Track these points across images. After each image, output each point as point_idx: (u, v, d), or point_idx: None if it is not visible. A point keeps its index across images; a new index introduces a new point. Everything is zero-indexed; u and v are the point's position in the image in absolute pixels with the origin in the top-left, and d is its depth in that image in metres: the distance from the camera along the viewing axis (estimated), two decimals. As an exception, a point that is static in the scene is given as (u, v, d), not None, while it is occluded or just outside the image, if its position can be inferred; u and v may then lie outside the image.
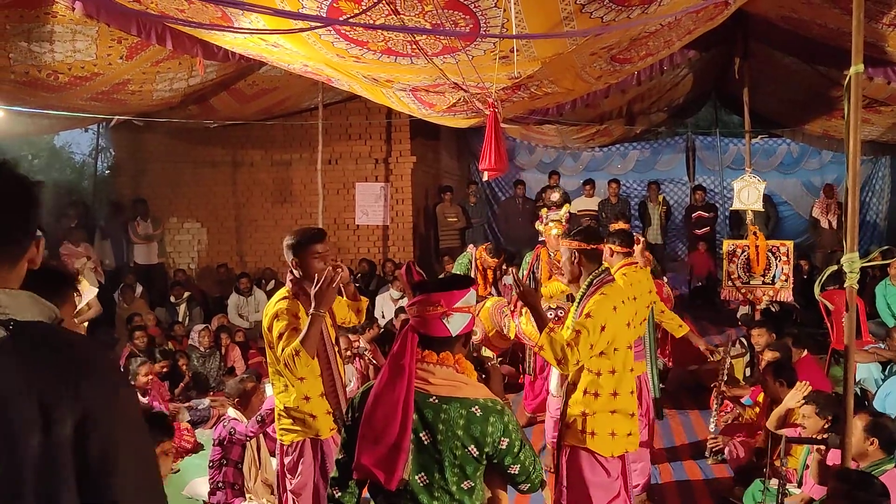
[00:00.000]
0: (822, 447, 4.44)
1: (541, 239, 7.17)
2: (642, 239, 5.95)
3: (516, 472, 2.49)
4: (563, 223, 7.00)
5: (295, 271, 3.95)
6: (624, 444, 3.82)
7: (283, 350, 3.64)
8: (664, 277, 7.54)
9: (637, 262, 5.35)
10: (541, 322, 3.65)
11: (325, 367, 3.94)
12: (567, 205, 7.48)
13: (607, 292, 3.73)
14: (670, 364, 7.76)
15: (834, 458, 4.26)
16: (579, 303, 3.85)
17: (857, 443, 4.10)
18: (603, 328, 3.61)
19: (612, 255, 5.20)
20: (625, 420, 3.80)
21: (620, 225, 7.27)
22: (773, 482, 4.50)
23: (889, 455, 4.10)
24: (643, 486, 5.28)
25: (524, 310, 6.48)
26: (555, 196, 8.85)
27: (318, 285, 3.61)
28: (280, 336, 3.69)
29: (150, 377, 7.08)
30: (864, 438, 4.03)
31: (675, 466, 5.96)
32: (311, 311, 3.63)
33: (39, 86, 6.92)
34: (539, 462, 2.58)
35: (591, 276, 3.83)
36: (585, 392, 3.75)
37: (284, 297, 3.88)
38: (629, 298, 3.91)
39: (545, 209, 7.47)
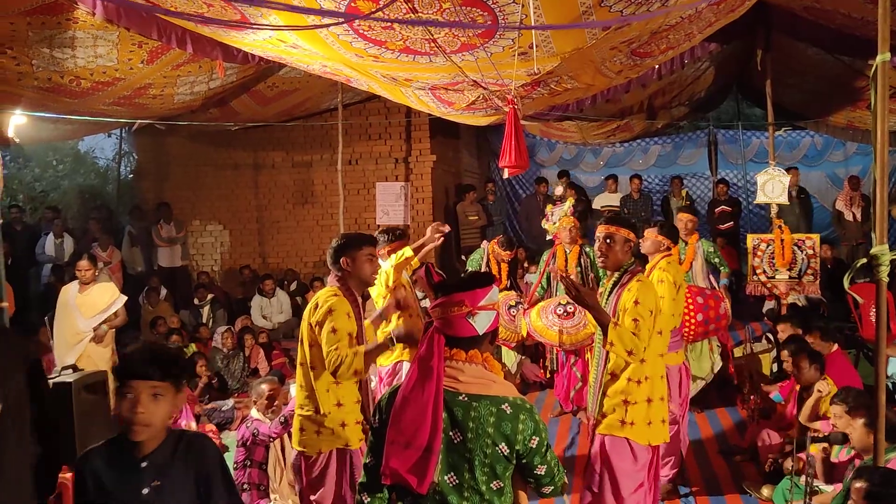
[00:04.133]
0: (826, 444, 4.41)
1: (549, 238, 7.15)
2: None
3: (542, 474, 2.45)
4: (570, 215, 6.97)
5: (338, 273, 3.93)
6: (662, 433, 3.89)
7: (335, 353, 3.58)
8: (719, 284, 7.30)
9: (673, 255, 5.41)
10: (603, 319, 3.68)
11: None
12: (571, 198, 7.42)
13: (642, 279, 3.87)
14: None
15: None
16: (611, 293, 3.93)
17: (860, 437, 4.08)
18: (651, 312, 3.71)
19: (662, 248, 5.30)
20: (659, 406, 3.86)
21: (684, 216, 7.24)
22: (804, 479, 4.44)
23: (893, 444, 4.06)
24: (672, 477, 5.26)
25: (534, 308, 6.50)
26: (558, 190, 8.79)
27: (408, 331, 3.67)
28: (334, 329, 3.64)
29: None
30: (867, 433, 4.00)
31: (701, 461, 5.91)
32: (392, 335, 3.65)
33: (62, 91, 6.98)
34: (562, 467, 2.54)
35: (624, 266, 3.94)
36: (629, 380, 3.80)
37: (335, 294, 3.81)
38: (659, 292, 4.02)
39: (550, 205, 7.42)
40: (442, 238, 5.31)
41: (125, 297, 7.16)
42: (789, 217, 10.75)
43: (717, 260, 7.19)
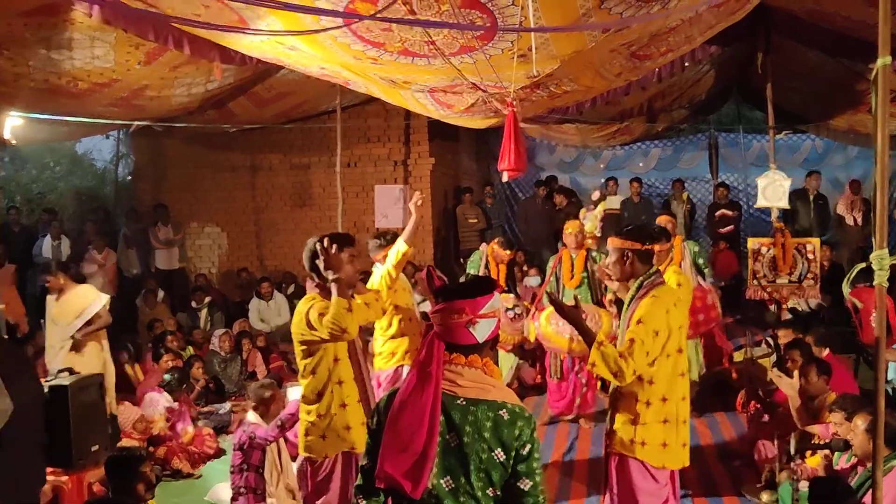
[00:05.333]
0: (828, 451, 4.37)
1: (563, 242, 7.09)
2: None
3: (526, 490, 2.33)
4: (599, 221, 6.91)
5: (317, 277, 3.91)
6: (680, 457, 3.76)
7: (325, 320, 3.61)
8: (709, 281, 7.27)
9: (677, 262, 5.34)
10: (588, 338, 3.56)
11: (356, 373, 3.89)
12: (602, 203, 7.36)
13: (658, 295, 3.65)
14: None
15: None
16: (628, 306, 3.77)
17: (861, 443, 4.05)
18: (657, 333, 3.53)
19: (668, 253, 5.18)
20: (677, 428, 3.71)
21: (663, 219, 7.08)
22: (803, 484, 4.41)
23: (894, 451, 4.02)
24: None
25: (543, 313, 6.45)
26: (595, 195, 8.78)
27: (323, 256, 3.73)
28: (320, 314, 3.66)
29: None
30: (868, 439, 3.96)
31: (700, 465, 5.88)
32: (330, 278, 3.70)
33: (59, 92, 6.96)
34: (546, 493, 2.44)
35: (641, 279, 3.75)
36: (637, 400, 3.67)
37: (312, 299, 3.84)
38: (679, 300, 3.82)
39: (584, 209, 7.37)
40: (421, 202, 5.32)
41: (105, 298, 6.90)
42: (803, 220, 10.74)
43: (701, 261, 7.14)
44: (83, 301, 6.75)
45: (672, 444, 3.69)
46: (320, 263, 3.76)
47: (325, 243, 3.77)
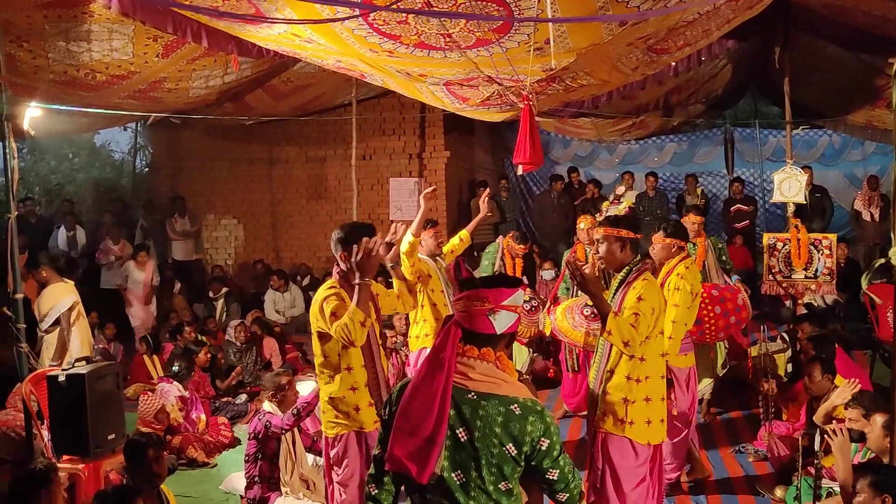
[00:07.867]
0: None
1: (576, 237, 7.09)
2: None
3: (555, 479, 2.39)
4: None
5: (342, 264, 3.99)
6: (660, 433, 3.96)
7: (337, 324, 3.68)
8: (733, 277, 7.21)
9: (690, 257, 5.31)
10: (603, 308, 3.74)
11: (368, 360, 3.99)
12: (628, 200, 7.35)
13: (649, 278, 3.90)
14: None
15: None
16: (617, 290, 3.97)
17: (876, 439, 4.05)
18: (653, 310, 3.77)
19: (674, 250, 5.12)
20: (657, 405, 3.92)
21: (692, 218, 6.98)
22: (824, 481, 4.39)
23: None
24: (674, 480, 5.20)
25: (559, 307, 6.45)
26: (620, 189, 8.75)
27: (359, 255, 3.68)
28: (333, 313, 3.74)
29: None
30: (884, 435, 3.97)
31: (715, 462, 5.87)
32: (356, 280, 3.71)
33: (78, 85, 7.01)
34: (579, 474, 2.49)
35: (630, 265, 3.97)
36: (628, 378, 3.85)
37: (331, 287, 3.94)
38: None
39: (607, 202, 7.36)
40: (433, 195, 5.51)
41: (71, 301, 6.77)
42: (802, 216, 10.67)
43: (724, 257, 7.09)
44: (51, 300, 6.75)
45: (654, 421, 3.90)
46: (352, 258, 3.75)
47: (372, 244, 3.69)
